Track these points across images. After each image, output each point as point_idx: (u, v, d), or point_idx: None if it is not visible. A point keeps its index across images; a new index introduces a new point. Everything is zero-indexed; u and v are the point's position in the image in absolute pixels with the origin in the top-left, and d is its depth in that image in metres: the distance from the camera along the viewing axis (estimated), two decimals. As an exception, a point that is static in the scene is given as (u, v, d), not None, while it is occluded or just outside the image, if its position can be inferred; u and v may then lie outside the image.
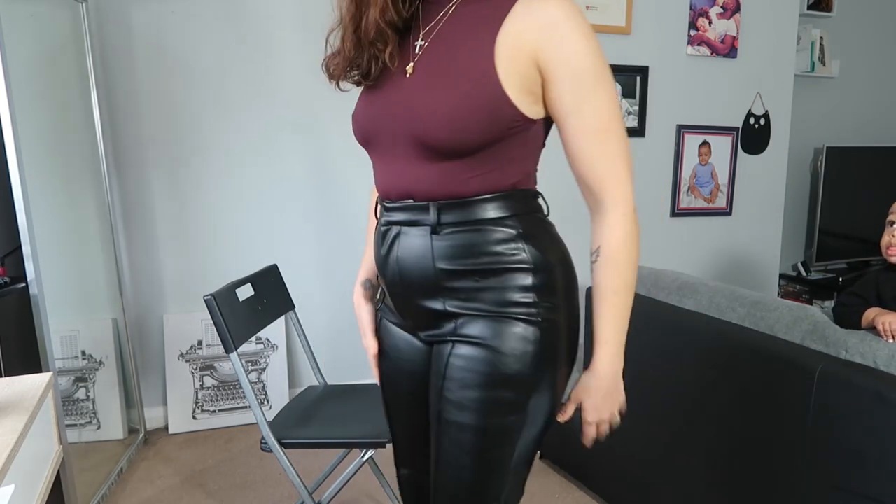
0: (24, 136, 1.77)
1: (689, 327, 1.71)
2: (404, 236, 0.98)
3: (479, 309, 0.96)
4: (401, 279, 1.00)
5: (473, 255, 0.95)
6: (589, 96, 0.90)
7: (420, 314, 1.02)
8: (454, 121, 0.89)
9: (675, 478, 1.78)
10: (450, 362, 0.98)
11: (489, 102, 0.89)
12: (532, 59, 0.89)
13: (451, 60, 0.92)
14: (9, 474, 0.86)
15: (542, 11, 0.89)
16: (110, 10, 2.43)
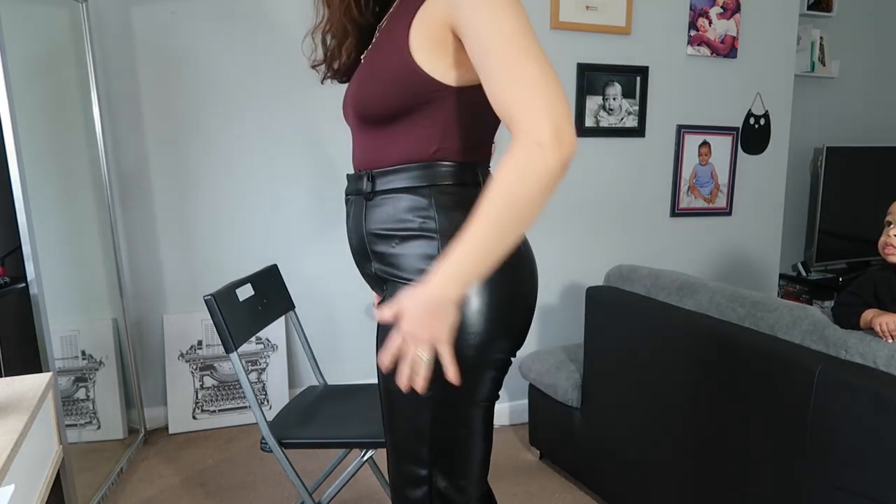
0: (24, 136, 1.77)
1: (689, 327, 1.71)
2: (351, 206, 1.10)
3: (397, 275, 1.03)
4: (350, 246, 1.11)
5: (391, 220, 1.02)
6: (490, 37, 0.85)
7: (367, 279, 1.13)
8: (368, 87, 1.00)
9: (674, 478, 1.78)
10: (380, 326, 1.05)
11: (395, 67, 0.96)
12: (446, 24, 0.92)
13: (379, 42, 1.04)
14: (9, 474, 0.86)
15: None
16: (110, 10, 2.43)
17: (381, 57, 1.00)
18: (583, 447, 2.14)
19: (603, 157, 2.84)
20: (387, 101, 0.97)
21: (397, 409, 1.03)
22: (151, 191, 2.57)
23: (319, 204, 2.75)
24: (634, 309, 1.90)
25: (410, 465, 1.03)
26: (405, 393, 0.93)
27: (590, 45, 2.73)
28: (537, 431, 2.40)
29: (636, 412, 1.90)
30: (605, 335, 2.01)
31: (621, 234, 2.95)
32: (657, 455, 1.83)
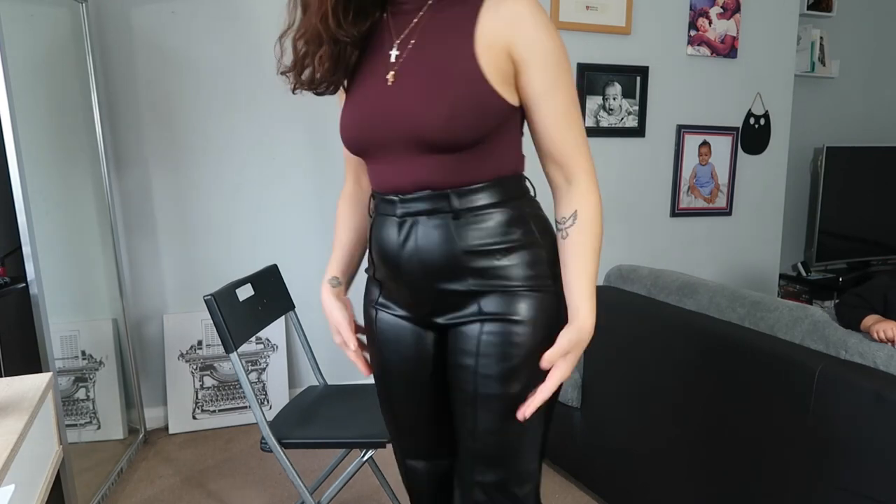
0: (24, 136, 1.77)
1: (689, 327, 1.71)
2: (422, 226, 1.04)
3: (502, 285, 1.04)
4: (421, 266, 1.04)
5: (493, 235, 1.04)
6: (557, 80, 1.00)
7: (441, 298, 1.07)
8: (452, 119, 0.97)
9: (674, 478, 1.78)
10: (482, 339, 1.05)
11: (480, 98, 0.98)
12: (506, 51, 0.98)
13: (435, 65, 1.00)
14: (9, 474, 0.86)
15: (509, 8, 0.98)
16: (110, 10, 2.43)
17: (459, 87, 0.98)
18: (583, 447, 2.14)
19: (603, 157, 2.84)
20: (479, 132, 1.00)
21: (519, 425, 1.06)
22: (151, 191, 2.57)
23: (319, 204, 2.75)
24: (634, 309, 1.90)
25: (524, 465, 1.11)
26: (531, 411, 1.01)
27: (590, 45, 2.73)
28: (537, 431, 2.40)
29: (636, 412, 1.90)
30: (604, 335, 2.01)
31: (621, 234, 2.95)
32: (657, 455, 1.83)
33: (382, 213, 1.08)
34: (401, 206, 1.05)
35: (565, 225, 1.05)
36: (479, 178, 1.03)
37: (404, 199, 1.04)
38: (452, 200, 1.02)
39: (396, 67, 1.02)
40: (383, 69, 1.03)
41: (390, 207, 1.06)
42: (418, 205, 1.03)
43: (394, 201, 1.05)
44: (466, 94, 0.98)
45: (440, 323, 1.10)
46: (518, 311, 1.04)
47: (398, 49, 1.03)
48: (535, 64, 0.99)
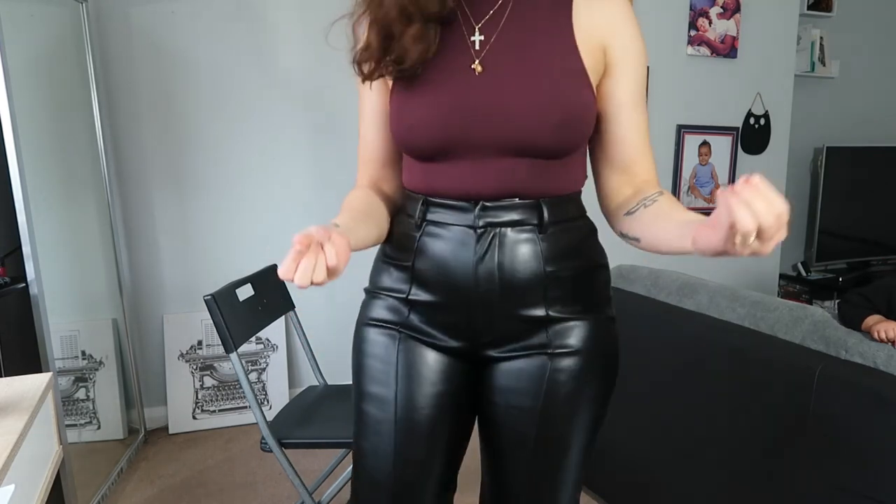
0: (24, 137, 1.77)
1: (689, 327, 1.71)
2: (507, 239, 0.90)
3: (576, 311, 0.94)
4: (501, 286, 0.90)
5: (573, 255, 0.93)
6: (643, 93, 0.94)
7: (510, 326, 0.93)
8: (563, 125, 0.87)
9: (674, 478, 1.78)
10: (553, 378, 0.93)
11: (585, 100, 0.89)
12: (601, 49, 0.90)
13: (536, 57, 0.88)
14: (9, 474, 0.86)
15: (606, 5, 0.91)
16: (110, 10, 2.43)
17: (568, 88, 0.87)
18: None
19: (603, 157, 2.84)
20: (584, 138, 0.92)
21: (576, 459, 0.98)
22: (151, 191, 2.57)
23: (320, 203, 2.75)
24: (634, 309, 1.90)
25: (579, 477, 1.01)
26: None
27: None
28: (537, 431, 2.40)
29: (636, 412, 1.89)
30: (605, 335, 2.01)
31: (621, 234, 2.95)
32: (657, 455, 1.83)
33: (444, 224, 0.92)
34: (481, 214, 0.90)
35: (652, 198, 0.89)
36: (567, 189, 0.93)
37: (487, 206, 0.89)
38: (543, 211, 0.90)
39: (483, 55, 0.89)
40: (464, 56, 0.89)
41: (461, 216, 0.90)
42: (504, 214, 0.89)
43: (468, 209, 0.90)
44: (575, 94, 0.88)
45: (492, 356, 0.95)
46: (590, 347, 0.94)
47: (481, 33, 0.90)
48: (630, 69, 0.92)
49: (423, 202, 0.94)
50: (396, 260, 0.97)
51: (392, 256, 0.98)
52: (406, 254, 0.95)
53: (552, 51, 0.88)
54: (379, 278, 1.01)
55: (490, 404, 0.97)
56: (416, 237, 0.94)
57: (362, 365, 1.00)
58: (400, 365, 0.96)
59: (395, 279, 0.97)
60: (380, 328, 0.98)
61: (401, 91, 0.92)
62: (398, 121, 0.92)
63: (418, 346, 0.97)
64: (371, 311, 1.00)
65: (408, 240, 0.95)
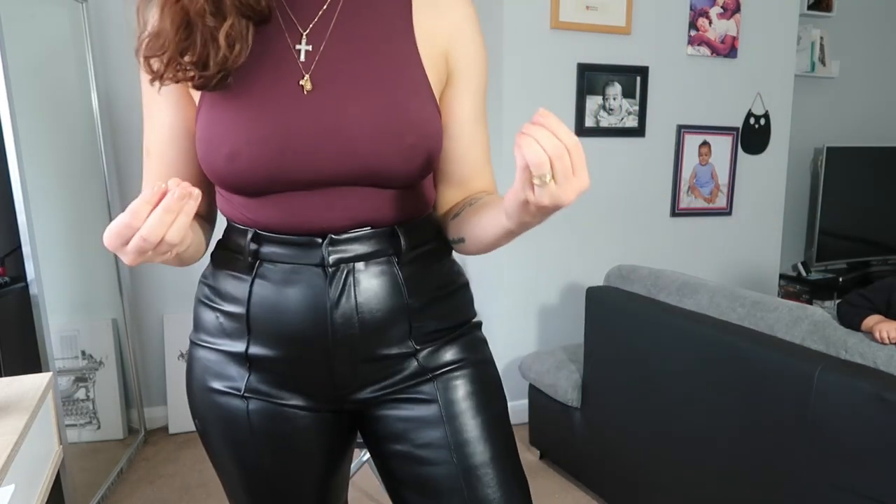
0: (24, 136, 1.77)
1: (689, 327, 1.71)
2: (362, 274, 0.78)
3: (444, 336, 0.85)
4: (361, 328, 0.79)
5: (436, 281, 0.85)
6: (483, 107, 0.86)
7: (375, 368, 0.82)
8: (415, 148, 0.76)
9: (674, 477, 1.78)
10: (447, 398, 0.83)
11: (433, 117, 0.79)
12: (444, 58, 0.80)
13: (377, 71, 0.76)
14: (9, 474, 0.86)
15: (449, 7, 0.81)
16: (110, 10, 2.43)
17: (415, 104, 0.77)
18: (583, 447, 2.14)
19: (603, 157, 2.84)
20: (436, 160, 0.82)
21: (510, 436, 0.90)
22: (151, 191, 2.57)
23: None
24: (634, 309, 1.90)
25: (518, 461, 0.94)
26: None
27: (590, 45, 2.73)
28: (537, 431, 2.40)
29: (636, 412, 1.89)
30: (605, 335, 2.01)
31: (621, 234, 2.95)
32: (657, 455, 1.83)
33: (282, 262, 0.78)
34: (331, 250, 0.77)
35: (468, 203, 0.84)
36: (422, 211, 0.84)
37: (336, 239, 0.77)
38: (400, 238, 0.80)
39: (312, 69, 0.75)
40: (289, 69, 0.75)
41: (304, 253, 0.77)
42: (357, 246, 0.78)
43: (314, 244, 0.77)
44: (424, 112, 0.77)
45: (358, 399, 0.84)
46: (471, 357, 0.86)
47: (309, 42, 0.76)
48: (472, 81, 0.82)
49: (252, 237, 0.79)
50: (223, 305, 0.84)
51: (218, 300, 0.85)
52: (236, 301, 0.81)
53: (393, 62, 0.77)
54: (205, 326, 0.87)
55: (395, 456, 0.85)
56: (248, 280, 0.80)
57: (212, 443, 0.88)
58: (250, 431, 0.83)
59: (226, 329, 0.84)
60: (221, 397, 0.84)
61: (212, 108, 0.75)
62: (212, 148, 0.74)
63: (266, 409, 0.83)
64: (205, 371, 0.86)
65: (236, 283, 0.81)
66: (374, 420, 0.86)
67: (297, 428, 0.84)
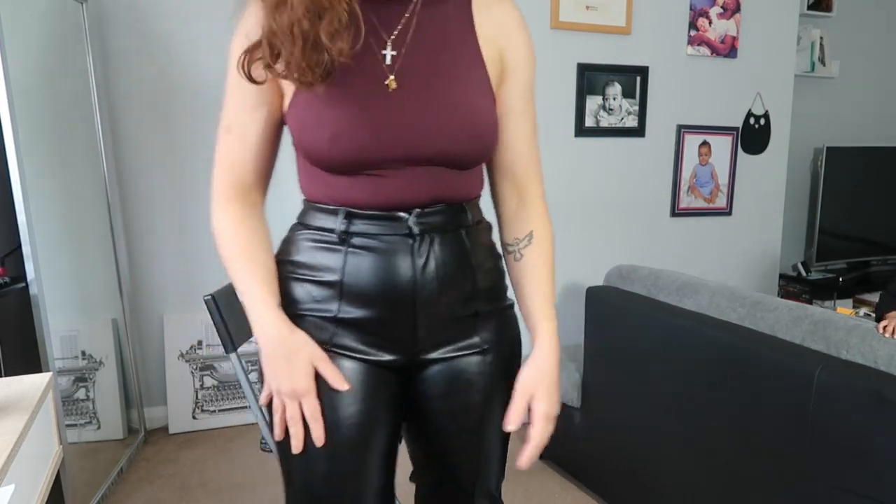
0: (24, 137, 1.77)
1: (689, 327, 1.71)
2: (438, 244, 0.92)
3: (494, 303, 1.00)
4: (439, 289, 0.92)
5: (491, 252, 1.01)
6: (531, 102, 0.99)
7: (447, 326, 0.95)
8: (481, 137, 0.91)
9: (674, 478, 1.78)
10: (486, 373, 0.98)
11: (494, 113, 0.93)
12: (499, 57, 0.94)
13: (446, 72, 0.90)
14: (9, 474, 0.86)
15: (502, 12, 0.95)
16: (110, 10, 2.43)
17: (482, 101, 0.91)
18: (583, 447, 2.14)
19: (603, 157, 2.84)
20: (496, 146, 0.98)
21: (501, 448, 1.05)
22: (151, 190, 2.57)
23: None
24: (634, 309, 1.90)
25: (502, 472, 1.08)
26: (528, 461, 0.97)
27: (590, 45, 2.73)
28: (537, 431, 2.40)
29: (636, 412, 1.90)
30: (605, 335, 2.01)
31: (621, 234, 2.95)
32: (657, 455, 1.83)
33: (374, 235, 0.90)
34: (417, 221, 0.90)
35: (518, 246, 1.01)
36: (476, 192, 0.99)
37: (421, 213, 0.90)
38: (467, 213, 0.95)
39: (396, 70, 0.88)
40: (377, 71, 0.88)
41: (393, 226, 0.90)
42: (436, 219, 0.91)
43: (402, 218, 0.90)
44: (485, 106, 0.91)
45: (427, 359, 0.97)
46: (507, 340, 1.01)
47: (393, 48, 0.89)
48: (522, 76, 0.96)
49: (345, 215, 0.91)
50: (315, 277, 0.94)
51: (308, 274, 0.94)
52: (329, 270, 0.92)
53: (461, 63, 0.91)
54: (294, 299, 0.95)
55: (430, 412, 1.00)
56: (341, 251, 0.91)
57: None
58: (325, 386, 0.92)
59: (317, 298, 0.93)
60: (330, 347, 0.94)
61: (311, 99, 0.87)
62: (314, 132, 0.87)
63: (345, 362, 0.93)
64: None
65: (329, 255, 0.92)
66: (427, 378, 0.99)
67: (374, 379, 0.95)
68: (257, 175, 1.00)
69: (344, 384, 0.90)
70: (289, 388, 0.90)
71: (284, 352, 0.90)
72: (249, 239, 0.98)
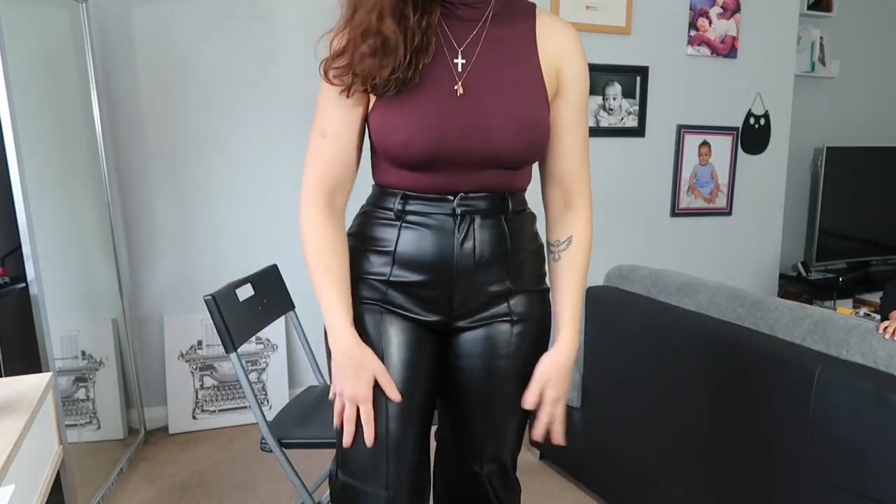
0: (24, 137, 1.77)
1: (689, 327, 1.71)
2: (481, 223, 1.05)
3: (529, 284, 1.11)
4: (475, 263, 1.05)
5: (528, 238, 1.12)
6: (584, 117, 1.09)
7: (480, 298, 1.08)
8: (533, 144, 1.02)
9: (674, 478, 1.78)
10: (513, 342, 1.10)
11: (547, 121, 1.04)
12: (556, 73, 1.05)
13: (512, 82, 1.01)
14: (9, 474, 0.86)
15: (562, 32, 1.06)
16: (110, 10, 2.43)
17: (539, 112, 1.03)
18: (583, 447, 2.14)
19: (603, 157, 2.84)
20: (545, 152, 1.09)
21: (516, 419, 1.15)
22: (151, 191, 2.57)
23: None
24: (634, 309, 1.90)
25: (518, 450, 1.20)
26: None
27: (590, 45, 2.72)
28: (537, 431, 2.40)
29: (636, 412, 1.90)
30: (604, 335, 2.01)
31: (621, 234, 2.95)
32: (657, 455, 1.83)
33: (424, 213, 1.05)
34: (461, 203, 1.04)
35: (559, 248, 1.12)
36: (523, 186, 1.11)
37: (465, 196, 1.04)
38: (508, 201, 1.07)
39: (464, 77, 1.00)
40: (448, 79, 1.00)
41: (440, 206, 1.04)
42: (479, 203, 1.05)
43: (448, 200, 1.03)
44: (541, 114, 1.03)
45: (461, 326, 1.10)
46: (538, 316, 1.12)
47: (463, 57, 1.01)
48: (576, 92, 1.06)
49: (401, 196, 1.05)
50: (375, 247, 1.08)
51: (370, 245, 1.09)
52: (386, 241, 1.07)
53: (522, 74, 1.02)
54: (358, 265, 1.10)
55: (459, 370, 1.12)
56: (396, 226, 1.06)
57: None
58: (383, 334, 1.08)
59: (374, 264, 1.08)
60: (364, 305, 1.09)
61: (388, 106, 1.00)
62: (391, 136, 1.00)
63: (395, 317, 1.09)
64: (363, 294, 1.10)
65: (387, 229, 1.07)
66: (459, 340, 1.11)
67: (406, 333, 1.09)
68: (347, 176, 1.09)
69: (397, 396, 1.04)
70: (351, 393, 1.04)
71: (353, 364, 1.04)
72: (332, 251, 1.07)
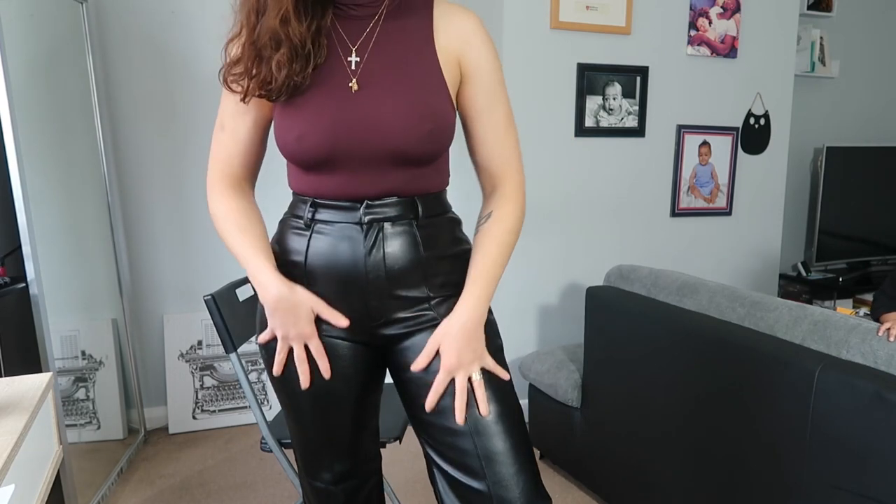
0: (24, 137, 1.77)
1: (689, 327, 1.71)
2: (389, 231, 1.03)
3: (451, 290, 1.07)
4: (387, 273, 1.03)
5: (448, 242, 1.09)
6: (499, 99, 1.07)
7: (398, 306, 1.06)
8: (432, 134, 0.99)
9: (674, 477, 1.78)
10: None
11: (448, 110, 1.02)
12: (457, 63, 1.04)
13: (407, 75, 1.00)
14: (9, 474, 0.86)
15: (461, 21, 1.04)
16: (110, 10, 2.43)
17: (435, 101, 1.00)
18: (583, 447, 2.14)
19: (603, 157, 2.84)
20: (448, 144, 1.05)
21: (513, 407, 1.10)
22: (151, 190, 2.57)
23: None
24: (634, 309, 1.90)
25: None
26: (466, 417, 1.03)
27: (590, 45, 2.73)
28: (537, 431, 2.41)
29: (636, 412, 1.89)
30: (605, 335, 2.01)
31: (621, 234, 2.95)
32: (657, 455, 1.83)
33: (331, 222, 1.04)
34: (367, 211, 1.02)
35: (479, 223, 1.09)
36: (436, 188, 1.08)
37: (371, 204, 1.02)
38: (418, 206, 1.04)
39: (359, 74, 1.00)
40: (342, 76, 1.00)
41: (347, 214, 1.03)
42: (386, 210, 1.03)
43: (354, 208, 1.02)
44: (440, 106, 1.01)
45: (388, 335, 1.07)
46: None
47: (357, 55, 1.00)
48: (482, 78, 1.05)
49: (311, 204, 1.05)
50: (289, 257, 1.07)
51: (286, 256, 1.08)
52: (298, 251, 1.06)
53: (418, 65, 1.01)
54: None
55: (407, 381, 1.09)
56: (306, 236, 1.05)
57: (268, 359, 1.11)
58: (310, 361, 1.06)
59: (290, 276, 1.06)
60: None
61: (287, 107, 1.01)
62: (286, 133, 1.01)
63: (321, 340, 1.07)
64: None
65: (299, 238, 1.06)
66: (396, 353, 1.09)
67: (338, 354, 1.08)
68: (247, 169, 1.12)
69: (344, 320, 1.03)
70: (296, 332, 1.03)
71: (289, 305, 1.02)
72: (243, 215, 1.08)
